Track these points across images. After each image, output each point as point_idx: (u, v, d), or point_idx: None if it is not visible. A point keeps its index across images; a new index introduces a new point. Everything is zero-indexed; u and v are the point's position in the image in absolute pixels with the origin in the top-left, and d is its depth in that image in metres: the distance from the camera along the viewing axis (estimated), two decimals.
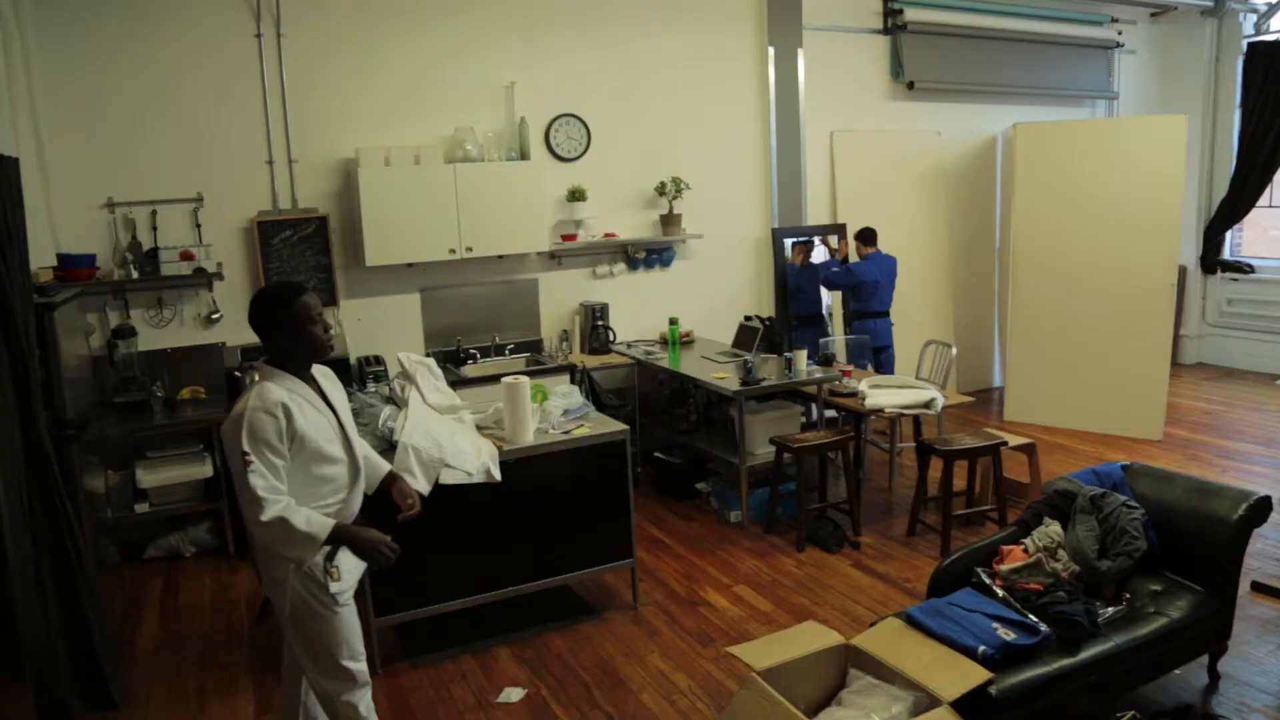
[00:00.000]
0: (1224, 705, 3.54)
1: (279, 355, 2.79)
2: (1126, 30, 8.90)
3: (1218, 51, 9.07)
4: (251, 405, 2.64)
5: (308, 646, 2.80)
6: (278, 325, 2.76)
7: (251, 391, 2.70)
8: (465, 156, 5.75)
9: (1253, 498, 3.56)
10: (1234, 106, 8.98)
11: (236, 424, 2.62)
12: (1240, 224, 9.15)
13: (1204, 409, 7.76)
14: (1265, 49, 8.54)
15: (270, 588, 2.81)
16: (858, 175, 7.55)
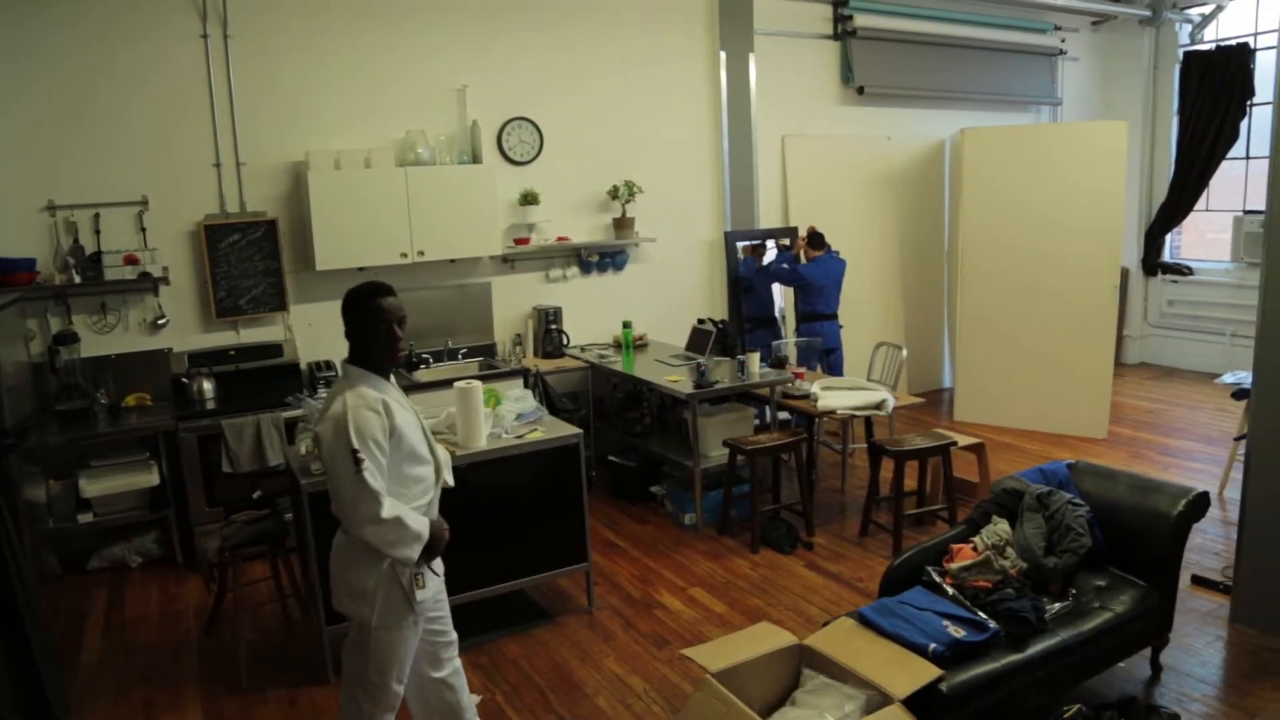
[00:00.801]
0: (1165, 696, 3.63)
1: (360, 353, 2.79)
2: (1069, 38, 9.10)
3: (1156, 60, 9.32)
4: (352, 404, 2.62)
5: (368, 661, 2.77)
6: (355, 321, 2.77)
7: (343, 392, 2.68)
8: (417, 160, 5.71)
9: (1192, 493, 3.65)
10: (1172, 113, 9.23)
11: (340, 424, 2.59)
12: (1179, 227, 9.40)
13: (1146, 408, 7.95)
14: (1200, 58, 8.78)
15: (352, 599, 2.76)
16: (809, 179, 7.62)
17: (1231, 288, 8.83)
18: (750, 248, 7.16)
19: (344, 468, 2.58)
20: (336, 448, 2.59)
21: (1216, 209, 9.24)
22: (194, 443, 4.98)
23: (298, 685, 3.88)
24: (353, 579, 2.75)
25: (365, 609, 2.73)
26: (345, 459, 2.57)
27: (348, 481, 2.58)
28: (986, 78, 8.53)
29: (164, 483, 5.00)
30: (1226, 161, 8.79)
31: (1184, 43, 9.14)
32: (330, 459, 2.62)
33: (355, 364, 2.79)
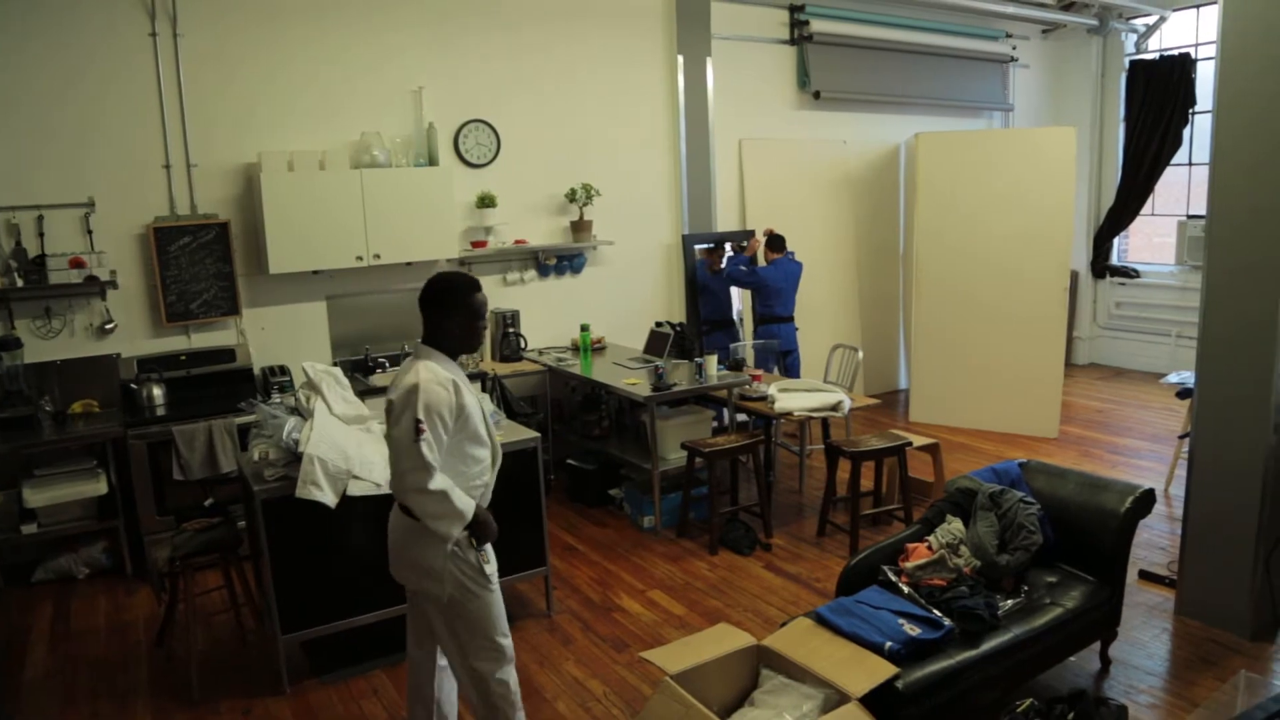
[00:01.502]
0: (1114, 688, 3.70)
1: (438, 337, 2.88)
2: (1020, 46, 9.27)
3: (1103, 68, 9.53)
4: (425, 378, 2.72)
5: (464, 630, 2.89)
6: (457, 309, 2.86)
7: (416, 366, 2.78)
8: (372, 162, 5.66)
9: (1138, 491, 3.74)
10: (1119, 120, 9.44)
11: (410, 394, 2.69)
12: (1126, 231, 9.61)
13: (1096, 407, 8.11)
14: (1145, 66, 8.98)
15: (422, 579, 2.86)
16: (766, 182, 7.68)
17: (1176, 290, 9.04)
18: (705, 250, 7.18)
19: (405, 435, 2.68)
20: (402, 415, 2.70)
21: (1162, 213, 9.47)
22: (144, 450, 4.88)
23: (252, 696, 3.82)
24: (420, 558, 2.85)
25: (438, 586, 2.84)
26: (408, 427, 2.68)
27: (405, 448, 2.68)
28: (940, 83, 8.66)
29: (112, 491, 4.90)
30: (1171, 167, 9.02)
31: (1130, 52, 9.36)
32: (394, 424, 2.72)
33: (430, 345, 2.87)
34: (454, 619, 2.90)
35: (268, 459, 3.75)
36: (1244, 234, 3.89)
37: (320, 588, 3.83)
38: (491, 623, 2.92)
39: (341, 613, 3.88)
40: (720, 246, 7.20)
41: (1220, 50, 3.91)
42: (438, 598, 2.87)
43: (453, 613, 2.88)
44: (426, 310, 2.90)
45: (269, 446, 3.78)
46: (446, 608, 2.88)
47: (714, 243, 7.20)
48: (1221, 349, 4.03)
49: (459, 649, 2.93)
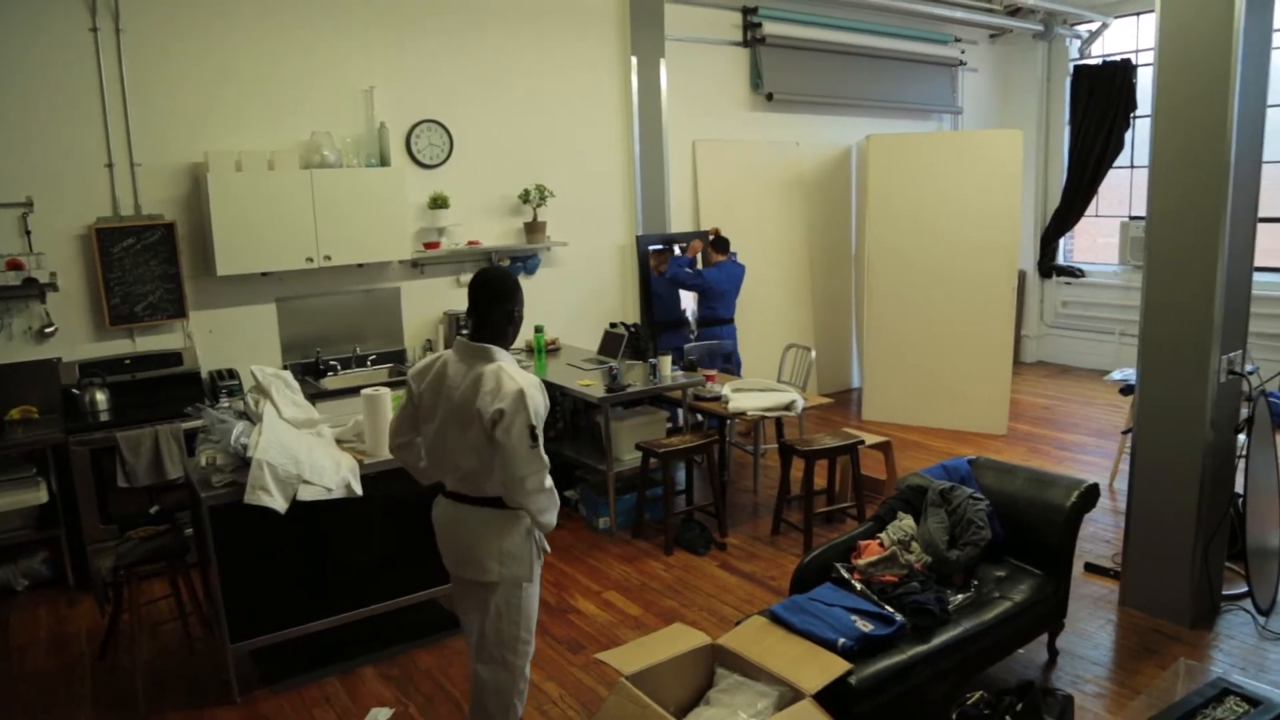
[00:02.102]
0: (1061, 679, 3.78)
1: (499, 336, 2.90)
2: (969, 50, 9.42)
3: (1048, 72, 9.72)
4: (527, 382, 2.78)
5: (519, 619, 2.96)
6: (515, 302, 2.90)
7: (500, 369, 2.80)
8: (323, 162, 5.58)
9: (1083, 486, 3.82)
10: (1064, 123, 9.63)
11: (519, 399, 2.72)
12: (1072, 232, 9.81)
13: (1043, 404, 8.26)
14: (1089, 71, 9.18)
15: (503, 563, 2.88)
16: (720, 183, 7.71)
17: (1119, 289, 9.26)
18: (655, 253, 7.17)
19: (522, 441, 2.73)
20: (514, 421, 2.72)
21: (1105, 215, 9.68)
22: (86, 456, 4.77)
23: (201, 706, 3.75)
24: (504, 545, 2.88)
25: (522, 569, 2.91)
26: (522, 433, 2.72)
27: (524, 454, 2.74)
28: (891, 86, 8.77)
29: (53, 500, 4.78)
30: (1114, 170, 9.23)
31: (1074, 57, 9.56)
32: (505, 431, 2.72)
33: (492, 343, 2.88)
34: (513, 610, 2.94)
35: (215, 464, 3.69)
36: (1181, 235, 4.00)
37: (270, 595, 3.77)
38: (533, 616, 3.02)
39: (292, 620, 3.83)
40: (669, 248, 7.21)
41: (1158, 57, 4.01)
42: (516, 581, 2.92)
43: (512, 600, 2.94)
44: (487, 307, 2.88)
45: (216, 452, 3.72)
46: (508, 596, 2.92)
47: (664, 245, 7.21)
48: (1161, 347, 4.13)
49: (500, 641, 2.97)
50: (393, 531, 4.01)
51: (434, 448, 2.97)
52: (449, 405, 2.86)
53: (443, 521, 3.02)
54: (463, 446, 2.85)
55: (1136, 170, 9.19)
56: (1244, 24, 3.74)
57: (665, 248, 7.19)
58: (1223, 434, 4.12)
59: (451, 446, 2.89)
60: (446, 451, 2.91)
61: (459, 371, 2.86)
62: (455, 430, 2.86)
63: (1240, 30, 3.73)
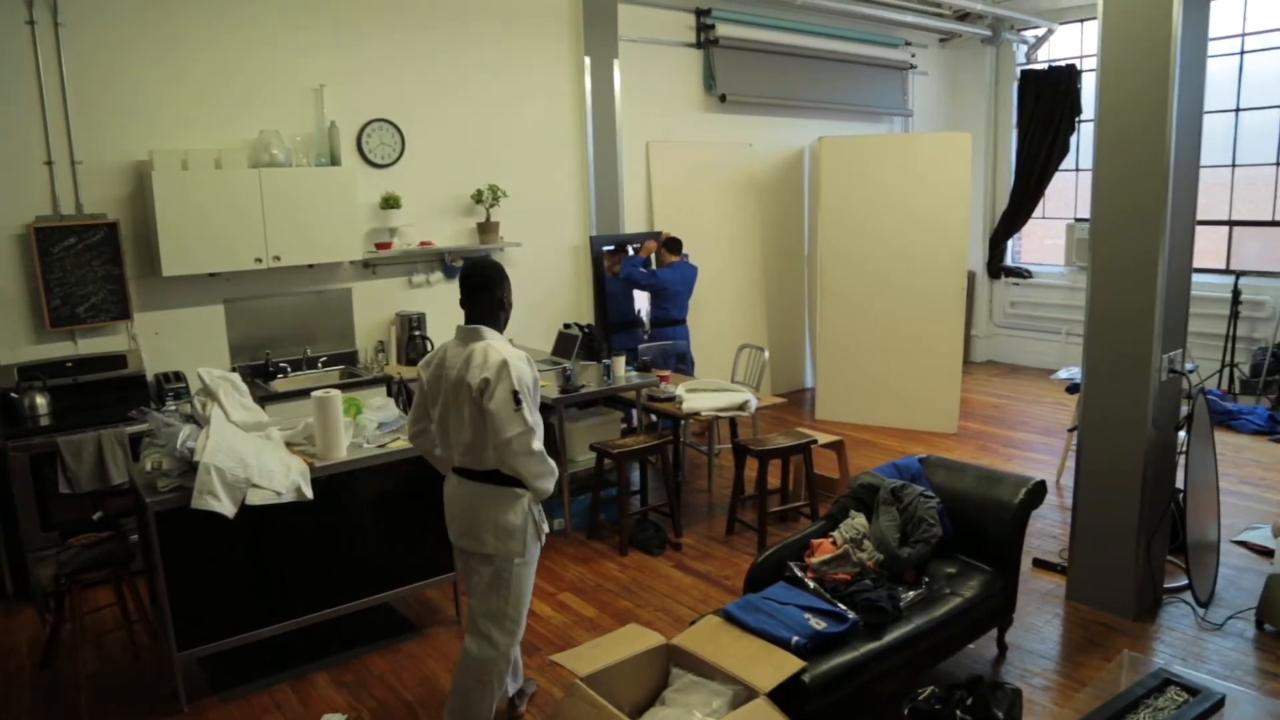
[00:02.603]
0: (1010, 673, 3.84)
1: (490, 318, 3.18)
2: (919, 54, 9.55)
3: (996, 76, 9.90)
4: (512, 354, 3.04)
5: (508, 596, 3.16)
6: (503, 288, 3.20)
7: (488, 344, 3.08)
8: (271, 161, 5.50)
9: (1030, 483, 3.89)
10: (1011, 126, 9.80)
11: (503, 368, 2.98)
12: (1020, 233, 9.99)
13: (993, 403, 8.40)
14: (1035, 76, 9.36)
15: (500, 538, 3.11)
16: (673, 184, 7.73)
17: (1066, 289, 9.45)
18: (608, 253, 7.17)
19: (505, 404, 2.96)
20: (497, 387, 2.97)
21: (1052, 216, 9.88)
22: (25, 462, 4.64)
23: (146, 716, 3.67)
24: (499, 519, 3.10)
25: (515, 544, 3.12)
26: (506, 397, 2.96)
27: (508, 415, 2.97)
28: (843, 89, 8.86)
29: None
30: (1060, 173, 9.42)
31: (1021, 62, 9.74)
32: (490, 397, 2.97)
33: (485, 325, 3.16)
34: (503, 585, 3.15)
35: (161, 469, 3.61)
36: (1123, 237, 4.09)
37: (219, 601, 3.71)
38: (524, 596, 3.22)
39: (242, 626, 3.77)
40: (622, 249, 7.21)
41: (1100, 64, 4.10)
42: (509, 556, 3.12)
43: (505, 577, 3.15)
44: (477, 294, 3.18)
45: (162, 456, 3.64)
46: (501, 570, 3.14)
47: (617, 245, 7.21)
48: (1105, 346, 4.22)
49: (489, 614, 3.17)
50: (344, 535, 3.96)
51: (440, 427, 3.22)
52: (447, 384, 3.13)
53: (450, 495, 3.26)
54: (460, 420, 3.10)
55: (1082, 173, 9.39)
56: (1181, 34, 3.83)
57: (618, 248, 7.19)
58: (1164, 431, 4.22)
59: (453, 424, 3.14)
60: (449, 429, 3.16)
61: (456, 353, 3.13)
62: (454, 407, 3.12)
63: (1178, 39, 3.83)
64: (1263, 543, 5.02)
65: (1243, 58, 8.24)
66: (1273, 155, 8.16)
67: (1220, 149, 8.38)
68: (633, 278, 6.77)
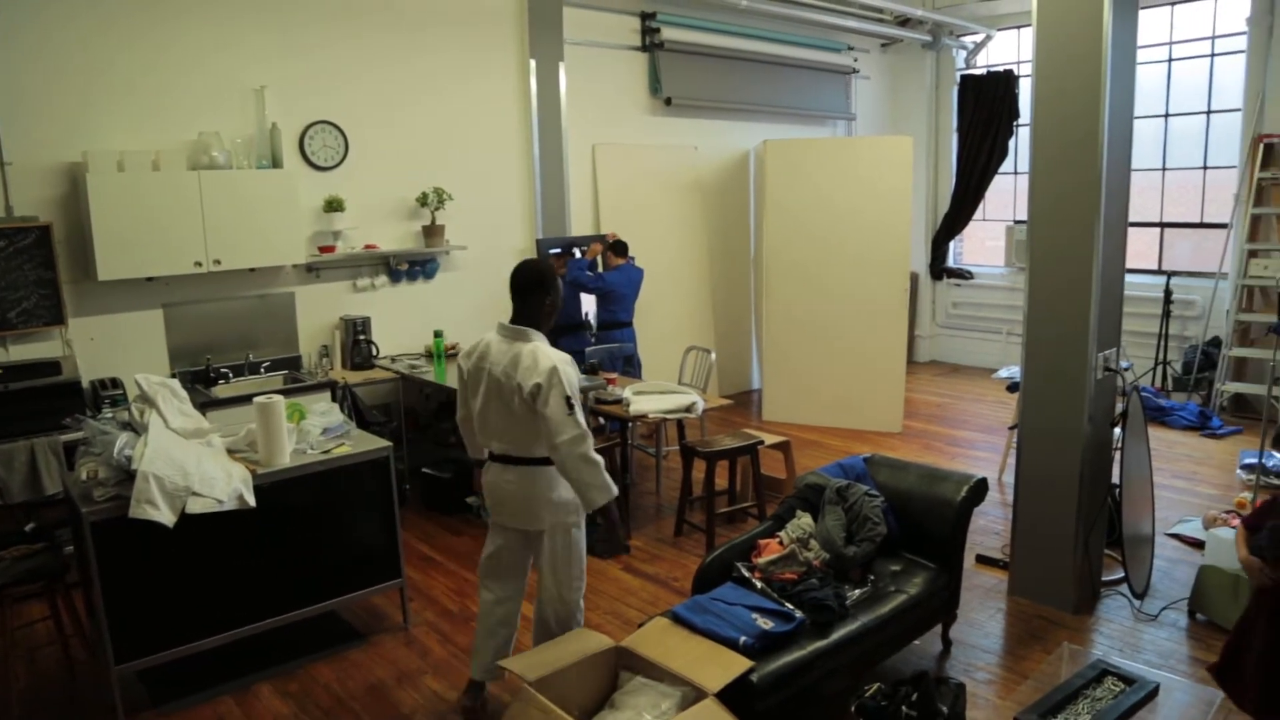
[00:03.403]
0: (954, 668, 3.91)
1: (537, 318, 3.32)
2: (861, 58, 9.69)
3: (937, 81, 10.08)
4: (559, 357, 3.19)
5: (565, 563, 3.43)
6: (553, 290, 3.34)
7: (536, 347, 3.23)
8: (211, 163, 5.39)
9: (973, 480, 3.97)
10: (952, 130, 9.99)
11: (553, 374, 3.13)
12: (961, 235, 10.18)
13: (936, 402, 8.55)
14: (974, 81, 9.54)
15: (556, 512, 3.36)
16: (619, 187, 7.74)
17: (1006, 290, 9.64)
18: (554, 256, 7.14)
19: (559, 410, 3.11)
20: (550, 393, 3.12)
21: (992, 219, 10.08)
22: None
23: None
24: (553, 495, 3.33)
25: (572, 514, 3.38)
26: (560, 403, 3.11)
27: (562, 421, 3.12)
28: (787, 92, 8.95)
29: None
30: (999, 175, 9.61)
31: (960, 67, 9.93)
32: (545, 403, 3.12)
33: (529, 325, 3.30)
34: (564, 551, 3.41)
35: (97, 478, 3.52)
36: (1059, 238, 4.19)
37: (158, 613, 3.62)
38: (583, 557, 3.50)
39: (182, 638, 3.69)
40: (568, 252, 7.20)
41: (1035, 70, 4.20)
42: (567, 527, 3.39)
43: (564, 545, 3.40)
44: (529, 294, 3.31)
45: (98, 465, 3.55)
46: (561, 541, 3.39)
47: (564, 248, 7.20)
48: (1043, 345, 4.32)
49: (557, 581, 3.43)
50: (288, 543, 3.90)
51: (480, 417, 3.37)
52: (490, 379, 3.28)
53: (492, 482, 3.42)
54: (505, 415, 3.27)
55: (1020, 176, 9.59)
56: (1111, 41, 3.94)
57: (564, 251, 7.18)
58: (1100, 428, 4.33)
59: (495, 416, 3.31)
60: (490, 420, 3.33)
61: (500, 350, 3.28)
62: (497, 401, 3.28)
63: (1109, 46, 3.93)
64: (1195, 535, 5.17)
65: (1171, 65, 8.49)
66: (1200, 159, 8.42)
67: (1151, 153, 8.63)
68: (579, 281, 6.75)
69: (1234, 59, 7.98)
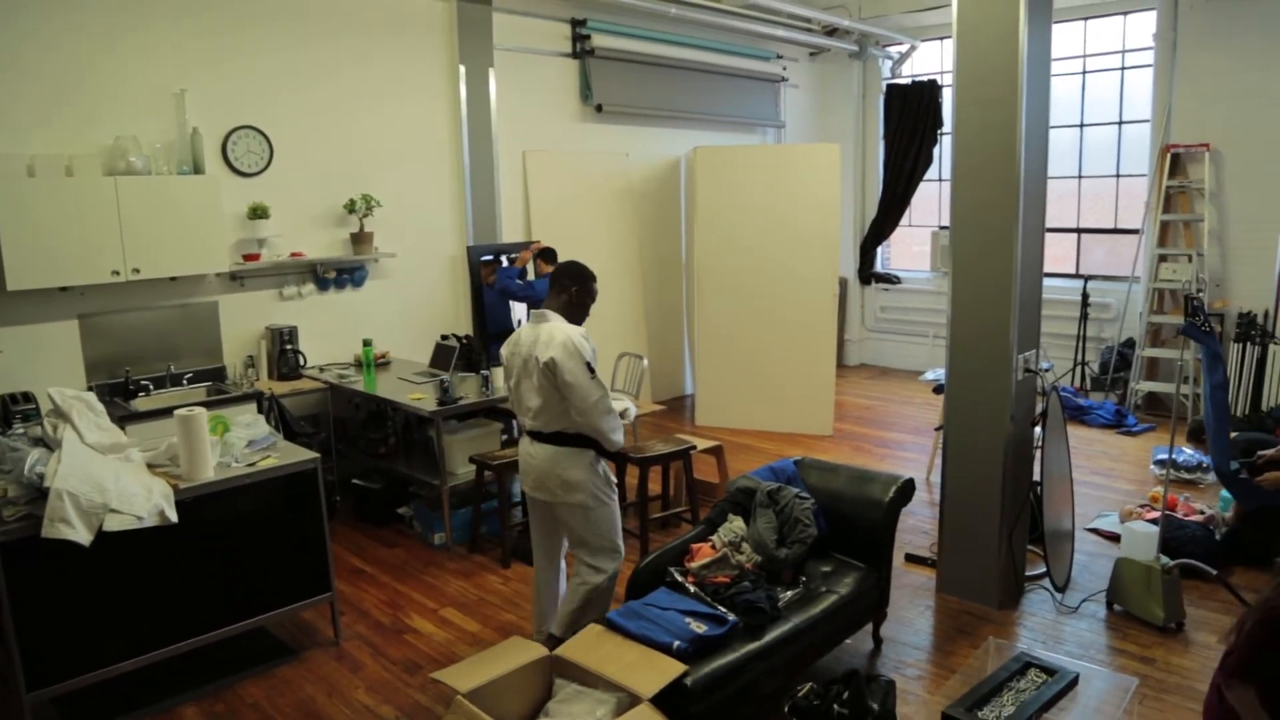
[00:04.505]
0: (885, 665, 3.98)
1: (558, 306, 3.68)
2: (790, 67, 9.83)
3: (864, 90, 10.27)
4: (574, 331, 3.57)
5: (591, 531, 3.72)
6: (585, 287, 3.72)
7: (551, 325, 3.59)
8: (129, 169, 5.23)
9: (900, 481, 4.05)
10: (879, 138, 10.19)
11: (567, 344, 3.50)
12: (888, 241, 10.38)
13: (866, 405, 8.69)
14: (900, 90, 9.75)
15: (566, 490, 3.65)
16: (551, 194, 7.73)
17: (932, 294, 9.86)
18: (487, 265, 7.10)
19: (582, 374, 3.49)
20: (572, 361, 3.48)
21: (918, 224, 10.30)
22: None
23: None
24: (567, 474, 3.63)
25: (578, 494, 3.65)
26: (581, 369, 3.49)
27: (587, 384, 3.50)
28: (717, 100, 9.03)
29: None
30: (925, 182, 9.83)
31: (886, 76, 10.13)
32: (568, 372, 3.48)
33: (554, 310, 3.66)
34: (585, 523, 3.69)
35: (7, 497, 3.39)
36: (980, 245, 4.31)
37: (74, 636, 3.50)
38: (612, 528, 3.76)
39: (101, 661, 3.56)
40: (497, 259, 7.16)
41: (955, 80, 4.31)
42: (579, 505, 3.66)
43: (584, 518, 3.69)
44: (563, 281, 3.70)
45: (8, 483, 3.42)
46: (580, 514, 3.68)
47: (494, 255, 7.16)
48: (966, 348, 4.44)
49: (588, 545, 3.73)
50: (213, 558, 3.80)
51: (514, 396, 3.76)
52: (520, 361, 3.66)
53: (523, 454, 3.78)
54: (530, 390, 3.63)
55: (945, 183, 9.82)
56: (1027, 53, 4.07)
57: (495, 258, 7.14)
58: (1021, 427, 4.45)
59: (525, 393, 3.66)
60: (521, 397, 3.69)
61: (528, 334, 3.66)
62: (525, 378, 3.65)
63: (1024, 58, 4.06)
64: (1112, 529, 5.35)
65: (1085, 77, 8.78)
66: (1114, 168, 8.72)
67: (1068, 161, 8.92)
68: (508, 289, 6.72)
69: (1143, 72, 8.29)
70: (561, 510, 3.74)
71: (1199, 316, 4.34)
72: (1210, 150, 7.65)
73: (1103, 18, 8.57)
